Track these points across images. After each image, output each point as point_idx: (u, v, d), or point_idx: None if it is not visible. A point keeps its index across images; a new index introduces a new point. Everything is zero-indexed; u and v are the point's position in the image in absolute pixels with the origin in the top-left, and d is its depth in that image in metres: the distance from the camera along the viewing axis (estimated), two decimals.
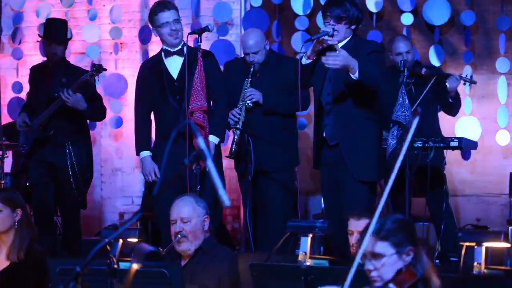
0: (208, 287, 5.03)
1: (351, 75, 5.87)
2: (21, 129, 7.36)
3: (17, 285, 5.20)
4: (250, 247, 6.65)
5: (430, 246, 7.73)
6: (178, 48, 6.56)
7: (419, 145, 6.93)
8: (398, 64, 7.02)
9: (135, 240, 4.96)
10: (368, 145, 6.10)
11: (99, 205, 9.18)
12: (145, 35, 9.07)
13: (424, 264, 3.60)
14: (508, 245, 4.61)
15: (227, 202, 3.15)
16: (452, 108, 7.47)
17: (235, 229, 8.77)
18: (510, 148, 8.45)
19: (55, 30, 7.50)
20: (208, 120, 6.46)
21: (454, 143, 7.05)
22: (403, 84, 6.59)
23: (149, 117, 6.72)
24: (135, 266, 3.21)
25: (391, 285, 3.55)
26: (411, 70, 7.28)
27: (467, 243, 4.47)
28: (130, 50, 9.22)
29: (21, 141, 7.41)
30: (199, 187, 6.21)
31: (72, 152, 7.28)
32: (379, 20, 8.71)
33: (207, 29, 6.55)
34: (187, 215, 5.24)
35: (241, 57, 7.43)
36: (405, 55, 7.38)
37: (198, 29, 6.58)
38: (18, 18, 9.41)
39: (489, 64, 8.50)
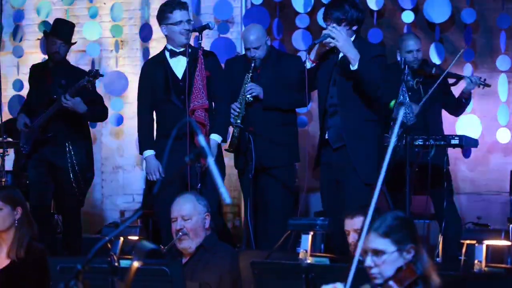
0: (209, 284, 5.03)
1: (351, 66, 5.90)
2: (23, 130, 7.36)
3: (18, 283, 5.19)
4: (251, 244, 6.65)
5: (430, 244, 7.72)
6: (184, 48, 6.52)
7: (420, 143, 6.93)
8: (400, 62, 7.01)
9: (136, 238, 4.96)
10: (369, 147, 6.11)
11: (100, 203, 9.18)
12: (145, 33, 9.07)
13: (424, 262, 3.60)
14: (509, 243, 4.61)
15: (228, 200, 3.16)
16: (459, 108, 7.59)
17: (236, 226, 8.77)
18: (511, 146, 8.45)
19: (62, 29, 7.49)
20: (209, 118, 6.45)
21: (455, 141, 7.05)
22: (403, 82, 6.59)
23: (152, 115, 6.68)
24: (136, 264, 3.21)
25: (391, 282, 3.55)
26: (419, 69, 7.34)
27: (468, 241, 4.47)
28: (131, 48, 9.22)
29: (22, 142, 7.40)
30: (199, 185, 6.21)
31: (72, 152, 7.27)
32: (380, 18, 8.70)
33: (208, 27, 6.51)
34: (188, 213, 5.24)
35: (242, 54, 7.43)
36: (415, 53, 7.45)
37: (199, 27, 6.55)
38: (19, 16, 9.42)
39: (490, 62, 8.50)
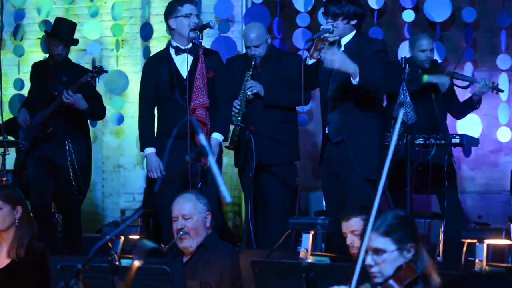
0: (210, 283, 5.02)
1: (352, 79, 5.88)
2: (23, 125, 7.35)
3: (18, 282, 5.18)
4: (251, 243, 6.65)
5: (431, 243, 7.72)
6: (190, 46, 6.46)
7: (421, 142, 6.93)
8: (400, 61, 7.02)
9: (136, 237, 4.95)
10: (369, 142, 6.10)
11: (100, 202, 9.18)
12: (146, 32, 9.06)
13: (424, 261, 3.60)
14: (510, 242, 4.60)
15: (228, 199, 3.15)
16: (465, 112, 7.67)
17: (237, 225, 8.77)
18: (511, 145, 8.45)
19: (64, 31, 7.47)
20: (210, 117, 6.43)
21: (456, 140, 7.06)
22: (404, 81, 6.59)
23: (153, 112, 6.64)
24: (136, 263, 3.21)
25: (391, 281, 3.55)
26: (430, 68, 7.42)
27: (469, 240, 4.47)
28: (132, 47, 9.22)
29: (20, 138, 7.40)
30: (200, 184, 6.20)
31: (71, 150, 7.27)
32: (380, 17, 8.71)
33: (208, 25, 6.48)
34: (189, 212, 5.23)
35: (243, 53, 7.42)
36: (428, 52, 7.57)
37: (199, 26, 6.54)
38: (20, 15, 9.42)
39: (490, 61, 8.50)
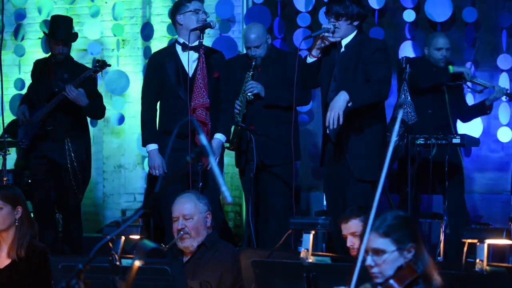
0: (210, 283, 5.03)
1: (349, 105, 5.88)
2: (21, 120, 7.34)
3: (19, 282, 5.17)
4: (252, 243, 6.65)
5: (432, 243, 7.72)
6: (196, 43, 6.44)
7: (421, 142, 6.93)
8: (401, 61, 7.03)
9: (137, 237, 4.95)
10: (369, 143, 6.09)
11: (101, 202, 9.18)
12: (147, 32, 9.07)
13: (425, 261, 3.60)
14: (510, 242, 4.60)
15: (229, 199, 3.15)
16: (476, 115, 7.74)
17: (237, 225, 8.77)
18: None
19: (60, 29, 7.46)
20: (211, 117, 6.42)
21: (457, 140, 7.05)
22: (404, 81, 6.60)
23: (156, 108, 6.59)
24: (137, 263, 3.21)
25: (391, 281, 3.55)
26: (445, 68, 7.46)
27: (469, 240, 4.46)
28: (132, 47, 9.22)
29: (20, 136, 7.39)
30: (200, 183, 6.20)
31: (71, 149, 7.27)
32: (381, 17, 8.70)
33: (209, 25, 6.49)
34: (189, 212, 5.23)
35: (243, 53, 7.42)
36: (444, 51, 7.60)
37: (200, 26, 6.54)
38: (20, 15, 9.42)
39: (491, 61, 8.49)
